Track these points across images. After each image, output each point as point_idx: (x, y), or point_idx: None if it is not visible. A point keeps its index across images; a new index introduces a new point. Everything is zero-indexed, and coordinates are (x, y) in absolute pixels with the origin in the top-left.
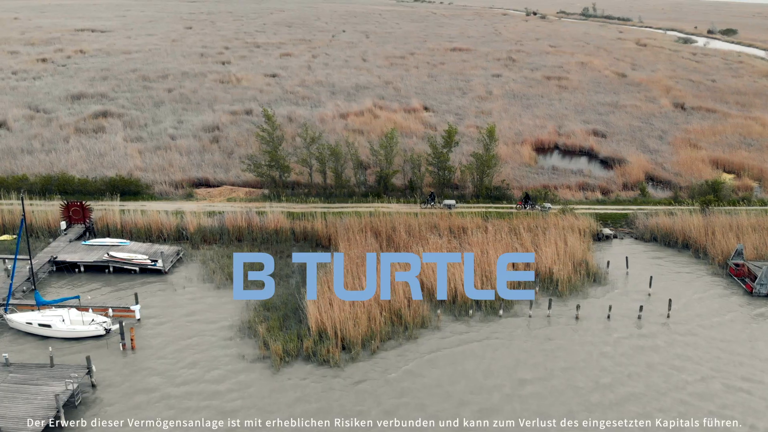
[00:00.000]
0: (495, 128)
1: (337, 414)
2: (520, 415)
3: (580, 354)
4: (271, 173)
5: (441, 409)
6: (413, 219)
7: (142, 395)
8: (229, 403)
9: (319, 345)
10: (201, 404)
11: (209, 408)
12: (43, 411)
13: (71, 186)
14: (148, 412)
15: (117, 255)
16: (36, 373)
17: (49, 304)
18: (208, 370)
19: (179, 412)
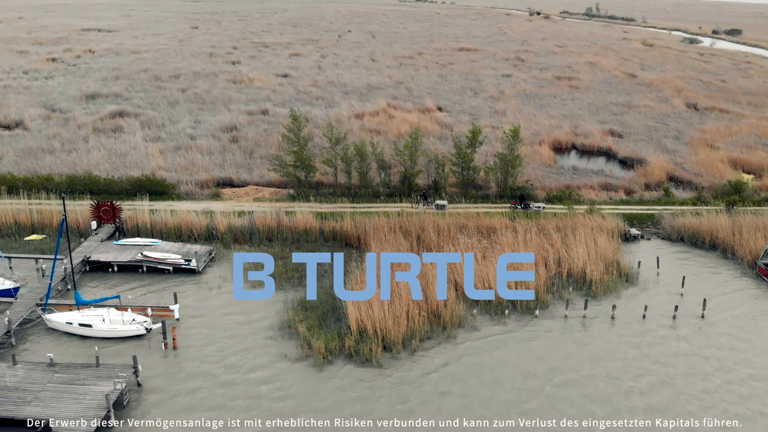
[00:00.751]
0: (519, 129)
1: (383, 414)
2: (565, 415)
3: (619, 354)
4: (296, 173)
5: (486, 409)
6: (441, 219)
7: (187, 395)
8: (275, 403)
9: (361, 344)
10: (247, 404)
11: (256, 408)
12: (93, 411)
13: (97, 186)
14: (195, 413)
15: (151, 255)
16: (82, 372)
17: (89, 303)
18: (252, 370)
19: (226, 412)
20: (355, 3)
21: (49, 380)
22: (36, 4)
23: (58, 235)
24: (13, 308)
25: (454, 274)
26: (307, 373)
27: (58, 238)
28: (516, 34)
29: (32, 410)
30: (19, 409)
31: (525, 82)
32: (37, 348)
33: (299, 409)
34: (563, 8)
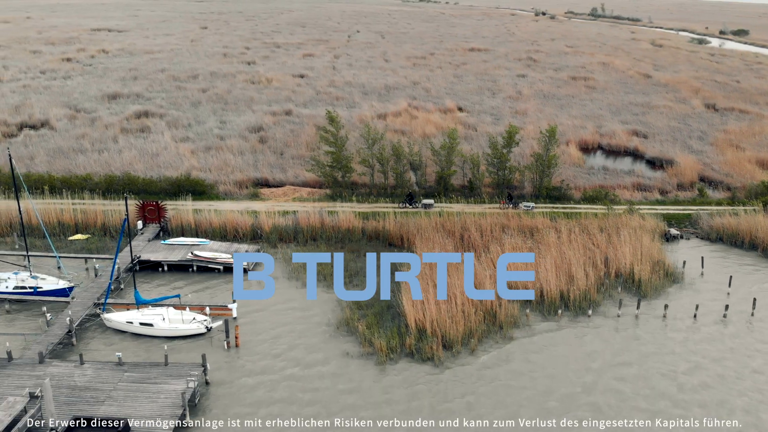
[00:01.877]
0: (556, 129)
1: (450, 413)
2: (628, 415)
3: (673, 353)
4: (333, 174)
5: (543, 406)
6: (483, 219)
7: (255, 393)
8: (342, 400)
9: (422, 342)
10: (314, 402)
11: (323, 406)
12: (169, 409)
13: (136, 186)
14: (264, 411)
15: (201, 254)
16: (152, 371)
17: (150, 303)
18: (315, 368)
19: (294, 410)
20: (359, 3)
21: (119, 379)
22: (42, 3)
23: (120, 234)
24: (71, 308)
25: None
26: (370, 370)
27: (119, 238)
28: (524, 34)
29: (107, 410)
30: (93, 409)
31: (541, 82)
32: (97, 347)
33: (366, 406)
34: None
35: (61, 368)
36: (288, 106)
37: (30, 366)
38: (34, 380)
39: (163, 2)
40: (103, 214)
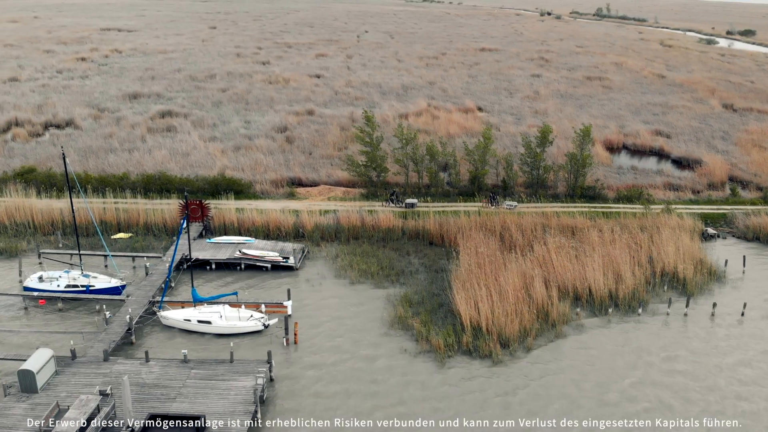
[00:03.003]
0: (591, 128)
1: (511, 411)
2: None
3: (726, 350)
4: (368, 173)
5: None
6: (522, 218)
7: (318, 389)
8: (406, 399)
9: (479, 340)
10: (378, 399)
11: (387, 404)
12: (242, 406)
13: (173, 185)
14: (330, 407)
15: (250, 252)
16: (218, 368)
17: (208, 300)
18: (375, 364)
19: (360, 406)
20: (363, 3)
21: (187, 376)
22: (48, 3)
23: (178, 233)
24: (127, 306)
25: (547, 273)
26: (430, 367)
27: (177, 236)
28: (532, 34)
29: (179, 406)
30: (165, 406)
31: (557, 82)
32: (155, 345)
33: (430, 403)
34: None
35: (127, 366)
36: (309, 106)
37: (95, 364)
38: (101, 378)
39: (169, 2)
40: (145, 213)
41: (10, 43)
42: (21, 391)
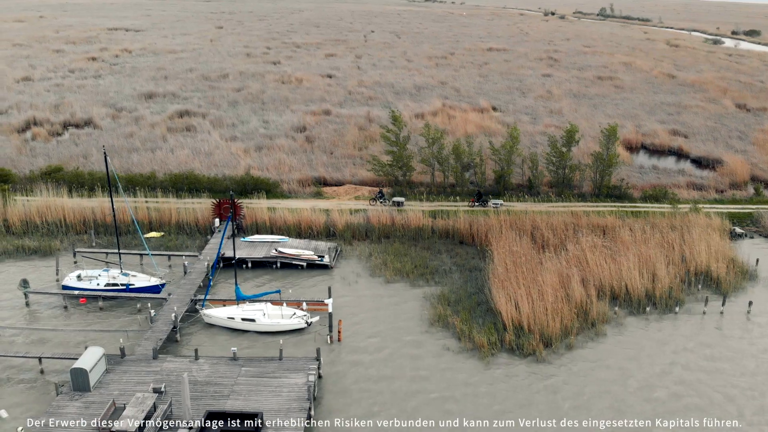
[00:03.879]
0: (617, 127)
1: (558, 411)
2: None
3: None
4: (394, 173)
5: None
6: (552, 217)
7: (365, 386)
8: (453, 397)
9: (521, 338)
10: (425, 397)
11: (435, 402)
12: (296, 403)
13: (201, 184)
14: (380, 407)
15: (286, 251)
16: (268, 366)
17: (251, 298)
18: (420, 362)
19: (408, 403)
20: (366, 3)
21: (238, 374)
22: (51, 3)
23: (222, 231)
24: (169, 304)
25: (585, 272)
26: (475, 365)
27: (222, 235)
28: (538, 34)
29: (234, 404)
30: (219, 404)
31: (568, 82)
32: (198, 342)
33: (479, 402)
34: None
35: (177, 364)
36: (324, 106)
37: (144, 362)
38: (152, 376)
39: (173, 2)
40: (177, 212)
41: (19, 42)
42: (73, 389)
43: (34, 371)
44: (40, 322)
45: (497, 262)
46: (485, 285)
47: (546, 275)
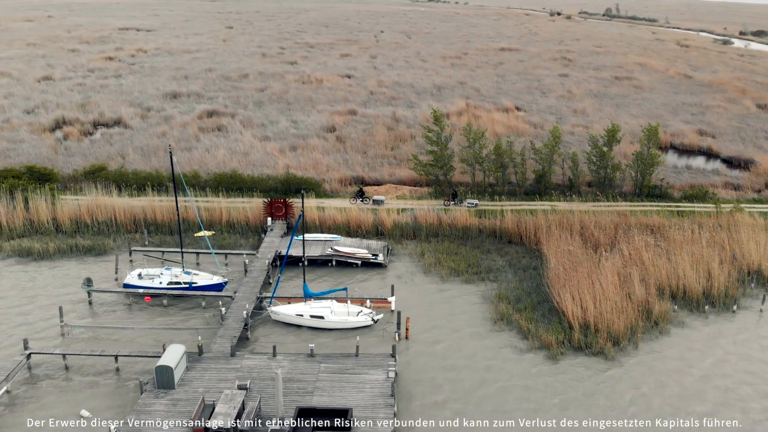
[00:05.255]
0: (658, 127)
1: (631, 411)
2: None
3: None
4: (434, 172)
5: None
6: (600, 217)
7: (439, 383)
8: (529, 397)
9: (589, 337)
10: (505, 398)
11: (512, 401)
12: (381, 399)
13: (245, 183)
14: (456, 404)
15: (341, 249)
16: (346, 362)
17: (318, 295)
18: (490, 361)
19: (489, 407)
20: (370, 3)
21: (318, 370)
22: (56, 2)
23: (293, 230)
24: (237, 302)
25: (640, 271)
26: (546, 364)
27: (292, 234)
28: (547, 34)
29: (319, 400)
30: (305, 400)
31: (586, 82)
32: (267, 340)
33: (557, 401)
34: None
35: (256, 361)
36: (349, 106)
37: (223, 359)
38: (233, 373)
39: (179, 2)
40: (227, 211)
41: (33, 42)
42: (157, 387)
43: (111, 369)
44: (112, 321)
45: (553, 261)
46: (543, 284)
47: (607, 274)
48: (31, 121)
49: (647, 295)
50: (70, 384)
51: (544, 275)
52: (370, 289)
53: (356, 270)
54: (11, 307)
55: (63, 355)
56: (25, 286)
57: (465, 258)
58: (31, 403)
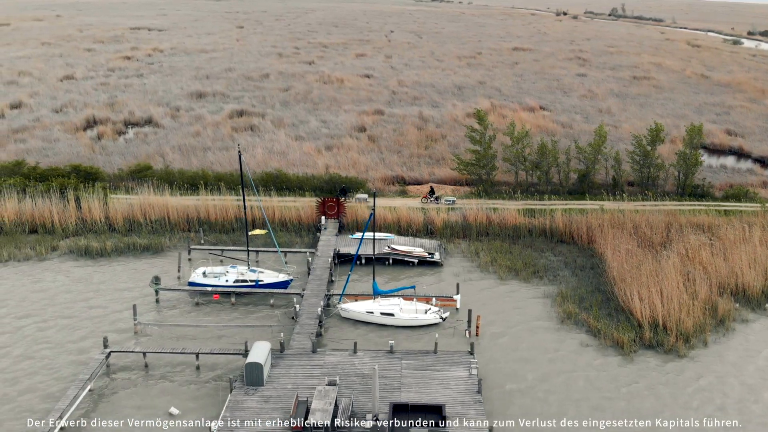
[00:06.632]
0: (702, 127)
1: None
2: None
3: None
4: (477, 171)
5: None
6: (651, 216)
7: (515, 380)
8: (615, 396)
9: (659, 335)
10: (589, 395)
11: (594, 400)
12: (468, 396)
13: (291, 183)
14: (535, 403)
15: (399, 248)
16: (426, 359)
17: (387, 293)
18: (567, 360)
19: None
20: (375, 3)
21: (400, 366)
22: (62, 2)
23: (364, 229)
24: (307, 299)
25: (700, 270)
26: (621, 363)
27: (362, 233)
28: (556, 34)
29: (408, 396)
30: (394, 396)
31: (605, 81)
32: (337, 336)
33: (640, 401)
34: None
35: (338, 357)
36: (374, 106)
37: (305, 356)
38: (318, 369)
39: (184, 1)
40: (279, 210)
41: (47, 41)
42: (246, 384)
43: (190, 367)
44: (181, 319)
45: (611, 260)
46: (604, 283)
47: (669, 273)
48: (62, 120)
49: (710, 294)
50: (151, 382)
51: (603, 274)
52: (428, 286)
53: (412, 268)
54: (79, 305)
55: (143, 353)
56: (88, 284)
57: (520, 257)
58: (115, 402)
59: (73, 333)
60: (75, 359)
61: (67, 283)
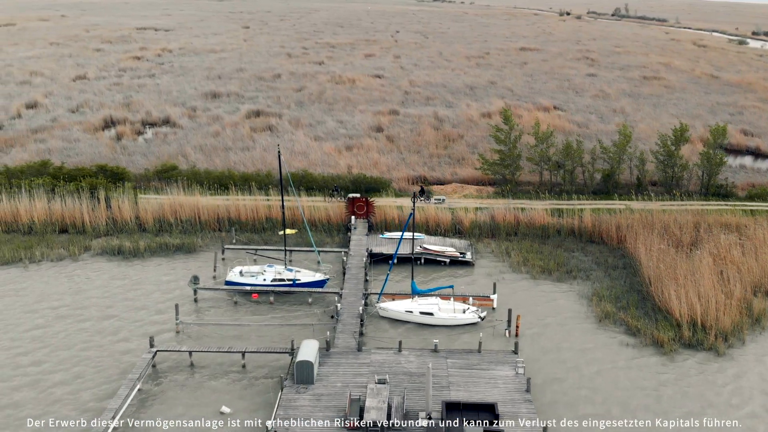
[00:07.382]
0: (726, 127)
1: None
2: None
3: None
4: (502, 171)
5: None
6: (679, 216)
7: (561, 382)
8: (663, 396)
9: (698, 334)
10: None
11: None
12: (518, 395)
13: (316, 182)
14: (582, 404)
15: (431, 247)
16: (471, 358)
17: (425, 293)
18: (609, 359)
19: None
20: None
21: (446, 365)
22: (66, 2)
23: (403, 229)
24: (346, 298)
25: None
26: (664, 362)
27: (401, 233)
28: (561, 34)
29: (457, 395)
30: (443, 394)
31: (616, 81)
32: (377, 335)
33: (686, 401)
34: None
35: (383, 355)
36: (388, 106)
37: (351, 354)
38: (365, 368)
39: (188, 1)
40: (309, 210)
41: (55, 41)
42: (296, 382)
43: (236, 365)
44: (221, 318)
45: (645, 260)
46: (638, 282)
47: (704, 273)
48: (80, 120)
49: (744, 293)
50: (198, 381)
51: (637, 274)
52: (463, 286)
53: (443, 268)
54: (119, 305)
55: (189, 352)
56: (124, 284)
57: (551, 257)
58: (165, 401)
59: (117, 333)
60: (120, 358)
61: (104, 283)
